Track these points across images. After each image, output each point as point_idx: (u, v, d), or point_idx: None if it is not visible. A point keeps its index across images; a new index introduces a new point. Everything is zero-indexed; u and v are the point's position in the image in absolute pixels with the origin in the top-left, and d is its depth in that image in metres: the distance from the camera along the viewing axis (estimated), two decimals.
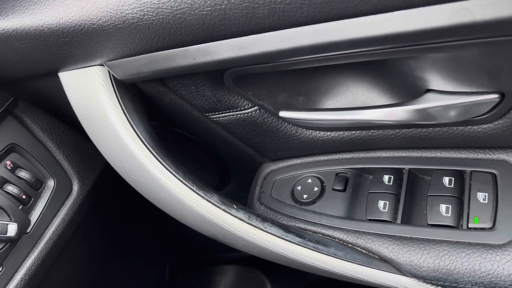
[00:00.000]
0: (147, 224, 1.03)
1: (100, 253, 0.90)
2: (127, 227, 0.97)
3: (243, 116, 0.60)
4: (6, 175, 0.61)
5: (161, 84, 0.57)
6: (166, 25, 0.46)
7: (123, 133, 0.55)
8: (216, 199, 0.55)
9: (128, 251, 1.04)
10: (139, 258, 1.11)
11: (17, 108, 0.64)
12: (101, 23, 0.48)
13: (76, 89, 0.58)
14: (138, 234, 1.02)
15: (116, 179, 0.72)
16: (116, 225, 0.92)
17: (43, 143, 0.66)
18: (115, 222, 0.91)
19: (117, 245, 0.96)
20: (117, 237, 0.94)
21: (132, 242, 1.03)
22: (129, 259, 1.09)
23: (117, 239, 0.94)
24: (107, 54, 0.53)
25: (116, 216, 0.90)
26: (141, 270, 1.15)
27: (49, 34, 0.51)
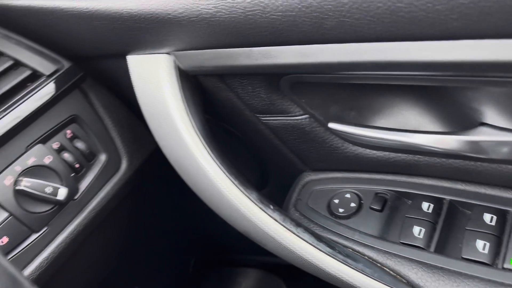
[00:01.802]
0: (182, 215, 1.06)
1: (133, 233, 0.93)
2: (163, 214, 1.00)
3: (292, 122, 0.62)
4: (65, 143, 0.65)
5: (220, 80, 0.60)
6: (236, 24, 0.49)
7: (178, 120, 0.58)
8: (255, 197, 0.57)
9: (159, 236, 1.08)
10: (168, 246, 1.15)
11: (84, 83, 0.69)
12: (176, 14, 0.52)
13: (141, 73, 0.62)
14: (171, 222, 1.05)
15: (161, 166, 0.76)
16: (153, 209, 0.95)
17: (101, 119, 0.70)
18: (153, 206, 0.94)
19: (149, 228, 1.00)
20: (151, 221, 0.97)
21: (164, 229, 1.07)
22: (158, 244, 1.12)
23: (151, 223, 0.98)
24: (175, 44, 0.57)
25: (154, 200, 0.93)
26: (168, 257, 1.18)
27: (127, 18, 0.55)
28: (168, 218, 1.04)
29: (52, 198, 0.61)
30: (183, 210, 1.04)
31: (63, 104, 0.66)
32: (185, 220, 1.09)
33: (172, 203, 1.01)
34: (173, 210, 1.03)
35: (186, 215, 1.06)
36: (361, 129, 0.57)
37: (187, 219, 1.08)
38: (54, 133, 0.65)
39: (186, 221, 1.09)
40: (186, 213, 1.05)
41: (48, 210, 0.62)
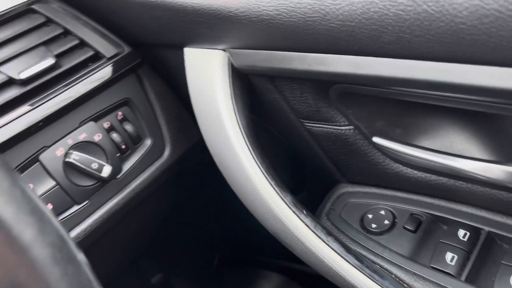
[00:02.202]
0: (214, 210, 1.08)
1: (165, 220, 0.96)
2: (196, 205, 1.03)
3: (336, 131, 0.62)
4: (115, 124, 0.68)
5: (270, 82, 0.61)
6: (294, 29, 0.50)
7: (225, 115, 0.60)
8: (289, 200, 0.58)
9: (188, 227, 1.10)
10: (195, 238, 1.17)
11: (141, 69, 0.72)
12: (237, 13, 0.53)
13: (195, 66, 0.64)
14: (202, 215, 1.08)
15: (202, 158, 0.78)
16: (187, 200, 0.98)
17: (152, 105, 0.73)
18: (188, 196, 0.96)
19: (181, 218, 1.02)
20: (184, 210, 1.00)
21: (194, 221, 1.09)
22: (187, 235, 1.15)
23: (183, 212, 1.00)
24: (232, 42, 0.58)
25: (190, 191, 0.96)
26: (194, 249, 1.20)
27: (190, 11, 0.57)
28: (200, 210, 1.06)
29: (97, 174, 0.64)
30: (216, 205, 1.06)
31: (118, 87, 0.69)
32: (216, 215, 1.11)
33: (206, 197, 1.03)
34: (206, 204, 1.05)
35: (218, 210, 1.08)
36: (405, 147, 0.56)
37: (218, 214, 1.10)
38: (107, 113, 0.68)
39: (216, 216, 1.11)
40: (218, 209, 1.07)
41: (92, 185, 0.65)
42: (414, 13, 0.41)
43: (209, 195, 1.02)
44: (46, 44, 0.64)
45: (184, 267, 1.26)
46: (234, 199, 0.68)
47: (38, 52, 0.63)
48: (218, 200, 1.03)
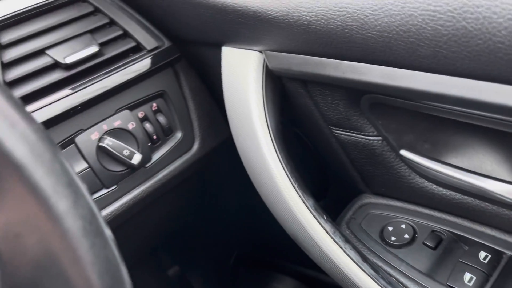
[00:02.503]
0: (235, 208, 1.09)
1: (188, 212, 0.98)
2: (218, 202, 1.04)
3: (364, 141, 0.62)
4: (149, 114, 0.71)
5: (303, 86, 0.62)
6: (332, 36, 0.51)
7: (256, 115, 0.61)
8: (311, 204, 0.58)
9: (209, 223, 1.12)
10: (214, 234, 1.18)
11: (178, 64, 0.74)
12: (277, 16, 0.54)
13: (231, 65, 0.65)
14: (223, 212, 1.09)
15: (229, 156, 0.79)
16: (211, 195, 0.99)
17: (185, 99, 0.75)
18: (211, 192, 0.98)
19: (203, 212, 1.04)
20: (207, 205, 1.01)
21: (215, 217, 1.11)
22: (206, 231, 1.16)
23: (206, 207, 1.02)
24: (269, 44, 0.59)
25: (214, 187, 0.97)
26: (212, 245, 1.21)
27: (231, 11, 0.59)
28: (221, 208, 1.07)
29: (127, 161, 0.66)
30: (237, 204, 1.07)
31: (155, 79, 0.71)
32: (237, 214, 1.12)
33: (229, 195, 1.04)
34: (228, 202, 1.06)
35: (239, 209, 1.09)
36: (433, 163, 0.56)
37: (238, 213, 1.11)
38: (142, 103, 0.70)
39: (237, 215, 1.12)
40: (239, 208, 1.08)
41: (121, 171, 0.67)
42: (452, 29, 0.41)
43: (232, 194, 1.04)
44: (91, 33, 0.67)
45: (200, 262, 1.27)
46: (256, 200, 0.69)
47: (83, 39, 0.66)
48: (240, 199, 1.05)
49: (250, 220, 1.12)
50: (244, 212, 1.10)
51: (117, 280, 0.29)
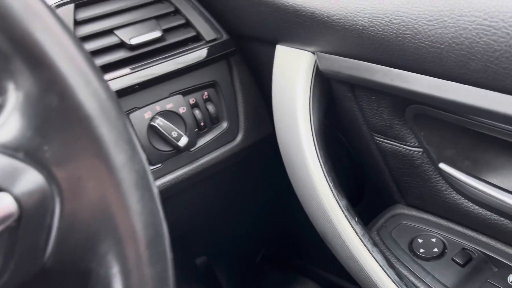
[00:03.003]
0: (269, 205, 1.12)
1: (222, 202, 1.01)
2: (253, 197, 1.07)
3: (404, 151, 0.63)
4: (199, 102, 0.74)
5: (350, 90, 0.64)
6: (384, 42, 0.52)
7: (300, 112, 0.63)
8: (344, 204, 0.60)
9: (241, 216, 1.14)
10: (245, 229, 1.21)
11: (232, 57, 0.77)
12: (334, 18, 0.56)
13: (283, 63, 0.68)
14: (257, 208, 1.11)
15: (269, 152, 0.82)
16: (247, 188, 1.02)
17: (235, 92, 0.78)
18: (248, 185, 1.01)
19: (237, 205, 1.06)
20: (241, 198, 1.04)
21: (248, 212, 1.13)
22: (238, 224, 1.19)
23: (240, 200, 1.05)
24: (322, 46, 0.62)
25: (252, 181, 1.00)
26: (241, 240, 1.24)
27: (290, 11, 0.62)
28: (256, 202, 1.10)
29: (174, 142, 0.70)
30: (271, 202, 1.09)
31: (209, 69, 0.75)
32: (269, 212, 1.14)
33: (264, 191, 1.06)
34: (262, 198, 1.09)
35: (272, 208, 1.11)
36: (472, 179, 0.56)
37: (271, 211, 1.13)
38: (194, 90, 0.74)
39: (269, 213, 1.14)
40: (272, 206, 1.10)
41: (167, 151, 0.71)
42: (506, 45, 0.42)
43: (266, 191, 1.06)
44: (157, 19, 0.71)
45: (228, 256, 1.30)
46: (290, 199, 0.71)
47: (149, 24, 0.70)
48: (274, 197, 1.07)
49: (280, 220, 1.14)
50: (276, 211, 1.12)
51: (159, 234, 0.32)
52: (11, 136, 0.29)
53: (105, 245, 0.31)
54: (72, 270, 0.32)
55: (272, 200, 1.08)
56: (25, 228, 0.28)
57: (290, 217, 1.10)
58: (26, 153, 0.29)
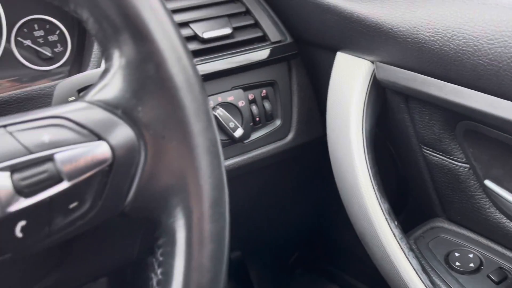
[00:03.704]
0: (309, 209, 1.15)
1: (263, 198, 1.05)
2: (295, 196, 1.10)
3: (450, 165, 0.64)
4: (257, 98, 0.79)
5: (404, 101, 0.66)
6: (443, 57, 0.55)
7: (354, 116, 0.66)
8: (386, 207, 0.62)
9: (279, 215, 1.18)
10: (282, 229, 1.24)
11: (293, 60, 0.82)
12: (396, 30, 0.60)
13: (341, 69, 0.71)
14: (296, 208, 1.14)
15: (316, 155, 0.85)
16: (290, 187, 1.06)
17: (291, 93, 0.82)
18: (292, 184, 1.04)
19: (277, 202, 1.10)
20: (282, 196, 1.08)
21: (287, 212, 1.16)
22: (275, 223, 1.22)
23: (281, 198, 1.08)
24: (382, 56, 0.65)
25: (296, 180, 1.04)
26: (277, 240, 1.27)
27: (355, 20, 0.65)
28: (296, 203, 1.13)
29: (231, 132, 0.75)
30: (311, 204, 1.12)
31: (270, 68, 0.80)
32: (308, 214, 1.17)
33: (307, 192, 1.10)
34: (304, 199, 1.12)
35: (312, 209, 1.14)
36: None
37: (310, 213, 1.16)
38: (254, 87, 0.79)
39: (308, 215, 1.17)
40: (312, 208, 1.13)
41: (223, 140, 0.76)
42: None
43: (310, 192, 1.09)
44: (229, 17, 0.77)
45: (262, 254, 1.33)
46: (329, 203, 0.74)
47: (221, 21, 0.76)
48: (315, 200, 1.10)
49: (317, 223, 1.16)
50: (314, 214, 1.14)
51: (222, 196, 0.37)
52: (113, 95, 0.34)
53: (176, 199, 0.36)
54: (144, 217, 0.37)
55: (311, 202, 1.11)
56: (115, 174, 0.34)
57: (327, 222, 1.13)
58: (123, 111, 0.34)
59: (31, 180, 0.31)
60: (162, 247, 0.36)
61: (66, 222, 0.33)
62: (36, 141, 0.32)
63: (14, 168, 0.31)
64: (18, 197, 0.31)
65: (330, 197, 1.00)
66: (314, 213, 1.15)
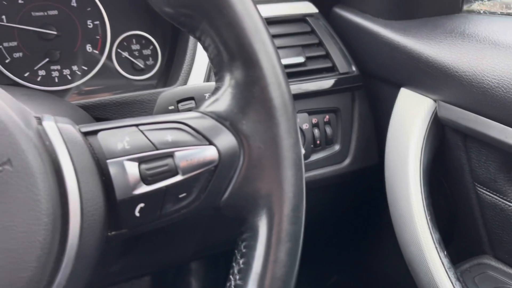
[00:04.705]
0: (355, 237, 1.18)
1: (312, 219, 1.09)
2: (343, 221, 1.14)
3: (503, 205, 0.68)
4: (320, 123, 0.85)
5: (462, 140, 0.70)
6: (506, 103, 0.59)
7: (412, 150, 0.71)
8: (437, 237, 0.66)
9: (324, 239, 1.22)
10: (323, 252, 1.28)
11: (357, 91, 0.88)
12: (462, 74, 0.64)
13: (404, 104, 0.76)
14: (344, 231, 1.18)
15: (369, 182, 0.90)
16: (339, 212, 1.10)
17: (352, 121, 0.88)
18: (341, 209, 1.09)
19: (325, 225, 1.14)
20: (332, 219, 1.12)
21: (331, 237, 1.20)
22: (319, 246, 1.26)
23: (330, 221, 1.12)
24: (445, 96, 0.69)
25: (345, 205, 1.08)
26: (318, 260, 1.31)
27: (423, 61, 0.70)
28: (343, 226, 1.17)
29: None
30: (359, 230, 1.16)
31: (335, 96, 0.86)
32: (354, 239, 1.20)
33: (354, 217, 1.14)
34: (350, 223, 1.16)
35: (357, 235, 1.17)
36: None
37: (356, 239, 1.19)
38: (319, 112, 0.85)
39: (354, 240, 1.20)
40: (358, 234, 1.17)
41: None
42: None
43: (357, 217, 1.13)
44: (303, 47, 0.84)
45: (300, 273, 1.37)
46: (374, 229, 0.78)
47: (295, 50, 0.83)
48: (361, 225, 1.13)
49: (361, 251, 1.19)
50: (359, 241, 1.18)
51: (301, 204, 0.43)
52: (223, 109, 0.41)
53: (263, 201, 0.42)
54: (234, 214, 0.43)
55: (357, 229, 1.15)
56: (218, 174, 0.40)
57: (371, 250, 1.16)
58: (231, 123, 0.41)
59: (154, 171, 0.38)
60: (246, 240, 0.43)
61: (174, 209, 0.40)
62: (161, 140, 0.39)
63: (142, 159, 0.38)
64: (142, 184, 0.38)
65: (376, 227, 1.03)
66: (358, 239, 1.18)
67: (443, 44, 0.69)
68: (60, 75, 0.75)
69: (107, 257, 0.52)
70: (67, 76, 0.75)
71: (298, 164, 0.43)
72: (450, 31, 0.70)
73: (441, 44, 0.69)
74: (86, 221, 0.36)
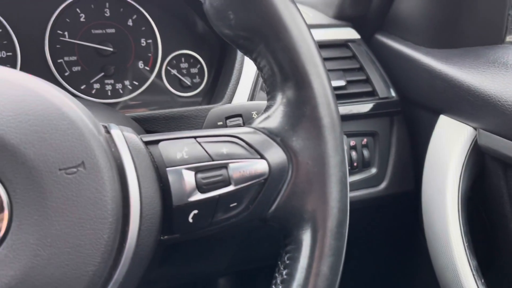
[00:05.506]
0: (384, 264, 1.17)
1: None
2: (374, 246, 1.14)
3: None
4: (358, 145, 0.86)
5: (502, 168, 0.70)
6: None
7: (451, 177, 0.71)
8: (474, 265, 0.66)
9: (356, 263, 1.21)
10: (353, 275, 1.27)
11: (396, 116, 0.89)
12: (505, 104, 0.65)
13: (444, 131, 0.77)
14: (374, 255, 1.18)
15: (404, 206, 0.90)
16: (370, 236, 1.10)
17: (390, 145, 0.89)
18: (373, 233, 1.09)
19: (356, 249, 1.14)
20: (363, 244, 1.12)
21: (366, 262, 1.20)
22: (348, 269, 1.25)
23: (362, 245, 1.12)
24: (485, 124, 0.70)
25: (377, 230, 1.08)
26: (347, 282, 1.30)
27: (464, 89, 0.72)
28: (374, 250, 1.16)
29: None
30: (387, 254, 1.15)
31: (374, 121, 0.87)
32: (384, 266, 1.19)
33: (385, 243, 1.13)
34: (381, 248, 1.15)
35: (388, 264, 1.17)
36: None
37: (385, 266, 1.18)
38: (357, 135, 0.87)
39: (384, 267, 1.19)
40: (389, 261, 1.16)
41: None
42: None
43: (388, 243, 1.12)
44: (344, 71, 0.87)
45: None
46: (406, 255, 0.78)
47: (337, 74, 0.86)
48: (392, 251, 1.12)
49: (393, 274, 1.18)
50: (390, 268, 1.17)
51: (345, 219, 0.44)
52: (274, 125, 0.44)
53: (308, 215, 0.44)
54: (279, 226, 0.45)
55: (391, 250, 1.14)
56: (267, 186, 0.43)
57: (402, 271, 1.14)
58: (281, 139, 0.43)
59: (209, 180, 0.41)
60: (290, 252, 0.44)
61: (224, 217, 0.43)
62: (217, 151, 0.42)
63: (198, 169, 0.41)
64: (197, 192, 0.41)
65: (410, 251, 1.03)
66: (392, 263, 1.17)
67: (485, 74, 0.70)
68: (113, 89, 0.79)
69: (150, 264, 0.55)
70: (119, 90, 0.80)
71: (343, 182, 0.44)
72: (493, 61, 0.71)
73: (484, 74, 0.70)
74: (144, 224, 0.39)
